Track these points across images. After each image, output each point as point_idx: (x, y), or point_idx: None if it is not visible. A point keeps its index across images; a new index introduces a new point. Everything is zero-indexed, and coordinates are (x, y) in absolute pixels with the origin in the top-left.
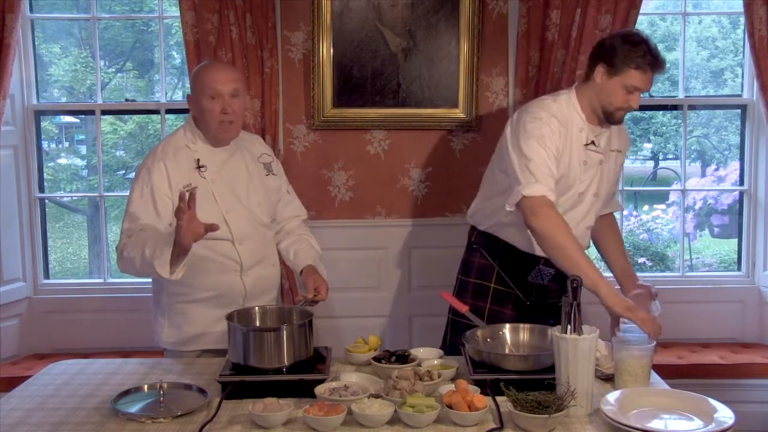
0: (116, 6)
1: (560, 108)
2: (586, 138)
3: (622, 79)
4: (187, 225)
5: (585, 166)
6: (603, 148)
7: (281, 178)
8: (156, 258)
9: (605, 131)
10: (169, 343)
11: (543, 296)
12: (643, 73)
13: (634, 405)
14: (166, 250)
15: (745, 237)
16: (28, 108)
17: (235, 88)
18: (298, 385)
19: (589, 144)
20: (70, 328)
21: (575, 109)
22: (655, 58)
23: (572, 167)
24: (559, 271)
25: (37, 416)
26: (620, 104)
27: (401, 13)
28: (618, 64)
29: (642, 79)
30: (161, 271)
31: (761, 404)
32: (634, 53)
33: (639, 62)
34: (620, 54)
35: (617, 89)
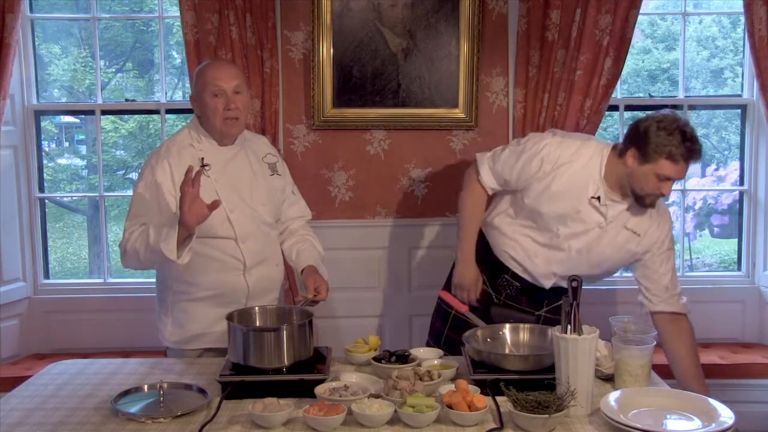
0: (116, 6)
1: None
2: (595, 191)
3: (654, 167)
4: (190, 205)
5: (577, 215)
6: (610, 215)
7: (286, 179)
8: (162, 242)
9: (623, 205)
10: (172, 341)
11: (513, 301)
12: (675, 164)
13: (634, 405)
14: (171, 233)
15: (745, 237)
16: (28, 108)
17: (237, 85)
18: (298, 385)
19: (594, 198)
20: (70, 328)
21: (599, 163)
22: (690, 150)
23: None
24: (525, 287)
25: (37, 416)
26: (651, 191)
27: (401, 13)
28: (650, 153)
29: (675, 170)
30: (168, 254)
31: (761, 404)
32: (667, 143)
33: (672, 152)
34: (653, 142)
35: (649, 176)
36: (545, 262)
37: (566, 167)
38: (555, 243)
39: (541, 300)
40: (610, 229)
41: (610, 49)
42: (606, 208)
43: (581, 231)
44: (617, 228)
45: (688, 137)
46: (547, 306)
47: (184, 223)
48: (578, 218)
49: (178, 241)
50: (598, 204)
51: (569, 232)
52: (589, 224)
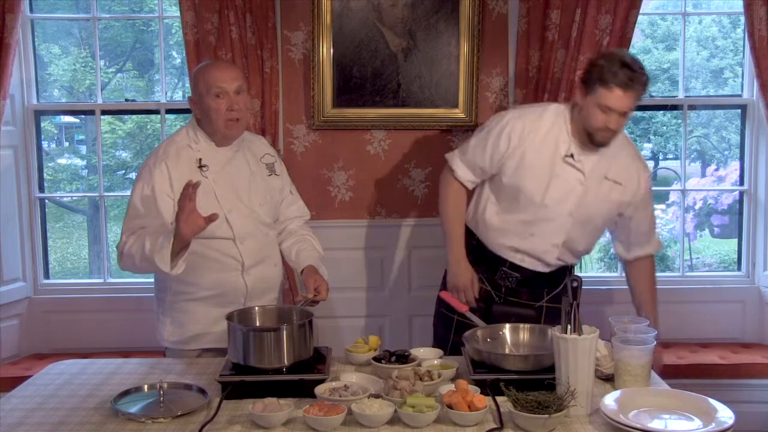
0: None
1: (538, 118)
2: (567, 149)
3: (595, 98)
4: (187, 217)
5: (557, 179)
6: (588, 169)
7: (284, 179)
8: (156, 252)
9: (595, 155)
10: (171, 341)
11: (513, 296)
12: (611, 92)
13: (634, 405)
14: (166, 244)
15: (745, 237)
16: (28, 108)
17: (239, 86)
18: (298, 385)
19: (568, 156)
20: (70, 328)
21: (563, 122)
22: (627, 76)
23: (535, 174)
24: (525, 275)
25: (37, 416)
26: (597, 124)
27: (401, 13)
28: (590, 83)
29: (613, 98)
30: (162, 266)
31: (761, 404)
32: (605, 71)
33: (608, 78)
34: (594, 71)
35: (592, 109)
36: (541, 237)
37: (533, 135)
38: (543, 215)
39: (541, 290)
40: (591, 183)
41: (610, 49)
42: (582, 164)
43: (565, 192)
44: (598, 180)
45: (626, 64)
46: (547, 296)
47: (179, 234)
48: (559, 181)
49: (173, 251)
50: (573, 161)
51: (554, 197)
52: (570, 183)
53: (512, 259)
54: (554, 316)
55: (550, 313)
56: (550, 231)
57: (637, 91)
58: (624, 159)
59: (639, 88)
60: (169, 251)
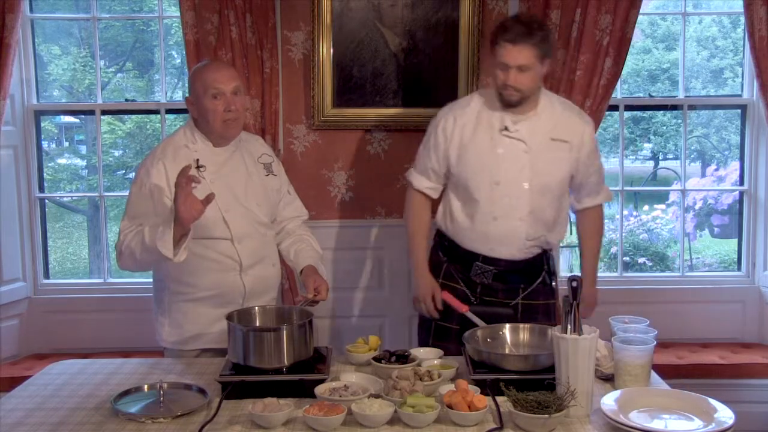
0: (116, 6)
1: (469, 101)
2: (501, 124)
3: (494, 58)
4: (184, 202)
5: (500, 154)
6: (527, 136)
7: (282, 179)
8: (158, 239)
9: (531, 120)
10: (170, 342)
11: (489, 294)
12: (502, 48)
13: (634, 405)
14: (167, 231)
15: (745, 237)
16: (28, 108)
17: (236, 86)
18: (298, 385)
19: (503, 129)
20: (70, 328)
21: (493, 99)
22: (515, 32)
23: (479, 157)
24: (501, 269)
25: (37, 416)
26: (499, 83)
27: (401, 13)
28: (491, 46)
29: (504, 54)
30: (165, 251)
31: (761, 404)
32: (497, 30)
33: (499, 37)
34: (492, 35)
35: (494, 70)
36: (504, 218)
37: (465, 121)
38: (500, 194)
39: (516, 286)
40: (537, 148)
41: (610, 49)
42: (519, 132)
43: (513, 164)
44: (543, 142)
45: (516, 20)
46: (523, 292)
47: (179, 219)
48: (503, 156)
49: (174, 239)
50: (510, 132)
51: (504, 173)
52: (516, 154)
53: (483, 251)
54: (531, 314)
55: (526, 310)
56: (511, 208)
57: (527, 44)
58: (566, 118)
59: (529, 41)
60: (171, 237)
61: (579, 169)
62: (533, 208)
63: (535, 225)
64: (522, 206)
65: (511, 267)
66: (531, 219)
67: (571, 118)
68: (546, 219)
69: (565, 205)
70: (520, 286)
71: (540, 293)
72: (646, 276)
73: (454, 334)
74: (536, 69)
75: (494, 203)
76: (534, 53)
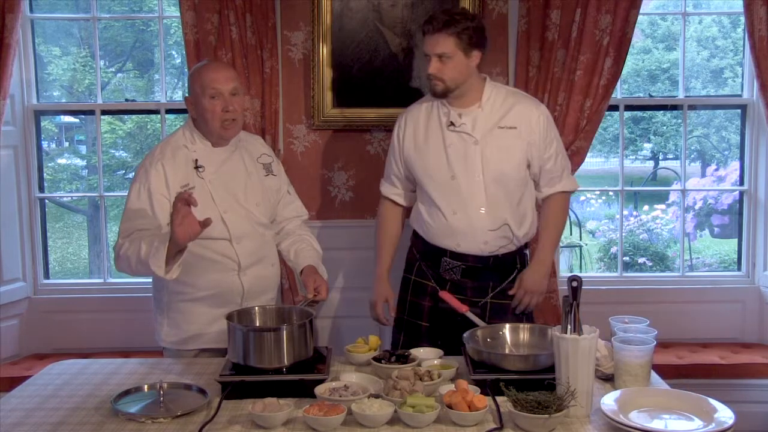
0: (116, 6)
1: (419, 103)
2: (446, 120)
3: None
4: (181, 222)
5: (451, 149)
6: (473, 128)
7: (281, 179)
8: (151, 257)
9: (471, 111)
10: (169, 342)
11: (458, 292)
12: (423, 40)
13: (634, 405)
14: (161, 248)
15: (745, 237)
16: (28, 108)
17: (234, 87)
18: (298, 385)
19: (449, 126)
20: (70, 328)
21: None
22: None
23: (432, 154)
24: (469, 264)
25: (37, 416)
26: (425, 73)
27: (401, 13)
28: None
29: (424, 45)
30: (156, 270)
31: (761, 404)
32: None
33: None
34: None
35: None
36: (463, 211)
37: (414, 121)
38: (457, 188)
39: (486, 282)
40: (486, 138)
41: (610, 49)
42: (465, 126)
43: (464, 158)
44: (491, 132)
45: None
46: (492, 291)
47: (174, 238)
48: (453, 150)
49: (168, 256)
50: (456, 128)
51: (458, 168)
52: (465, 147)
53: (450, 246)
54: (499, 314)
55: (494, 309)
56: (468, 200)
57: (445, 33)
58: (515, 106)
59: (447, 30)
60: (164, 255)
61: (532, 154)
62: (490, 198)
63: (496, 215)
64: (478, 198)
65: (480, 263)
66: (490, 209)
67: (518, 105)
68: (507, 209)
69: (528, 197)
70: (490, 283)
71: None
72: (646, 276)
73: (424, 331)
74: (458, 59)
75: (452, 197)
76: (454, 42)
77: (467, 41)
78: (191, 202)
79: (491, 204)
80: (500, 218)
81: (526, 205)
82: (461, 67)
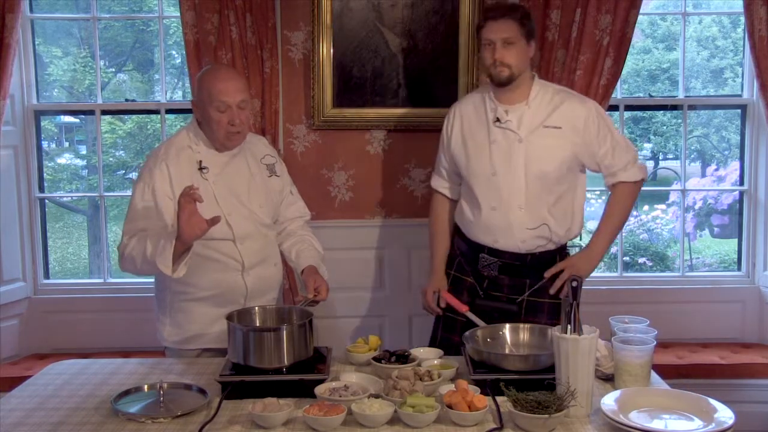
0: (116, 6)
1: (470, 96)
2: (493, 116)
3: (481, 42)
4: (188, 220)
5: (495, 145)
6: (519, 125)
7: (284, 179)
8: (158, 255)
9: (518, 108)
10: (171, 341)
11: (496, 289)
12: (484, 28)
13: (634, 405)
14: (168, 247)
15: (745, 237)
16: (28, 108)
17: (242, 100)
18: (298, 385)
19: (495, 122)
20: (70, 328)
21: (489, 90)
22: (490, 10)
23: (476, 149)
24: (506, 261)
25: (37, 416)
26: (488, 62)
27: (401, 13)
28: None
29: (486, 32)
30: (163, 268)
31: (761, 404)
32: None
33: (481, 19)
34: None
35: (483, 50)
36: (503, 208)
37: (464, 114)
38: (497, 184)
39: (523, 280)
40: (530, 136)
41: (610, 49)
42: (511, 123)
43: (507, 154)
44: (536, 131)
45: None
46: (529, 289)
47: (181, 236)
48: (497, 146)
49: (175, 254)
50: (501, 124)
51: (500, 164)
52: (509, 144)
53: (488, 242)
54: (535, 312)
55: (530, 307)
56: (507, 197)
57: (509, 18)
58: (562, 105)
59: (510, 15)
60: (170, 254)
61: (582, 153)
62: (530, 196)
63: (534, 214)
64: (518, 195)
65: (518, 260)
66: (529, 208)
67: (564, 104)
68: (547, 209)
69: (574, 195)
70: (527, 281)
71: (548, 292)
72: (646, 276)
73: (459, 327)
74: (521, 45)
75: (492, 193)
76: (517, 27)
77: (528, 29)
78: (196, 198)
79: (531, 203)
80: (539, 217)
81: (571, 204)
82: (523, 54)
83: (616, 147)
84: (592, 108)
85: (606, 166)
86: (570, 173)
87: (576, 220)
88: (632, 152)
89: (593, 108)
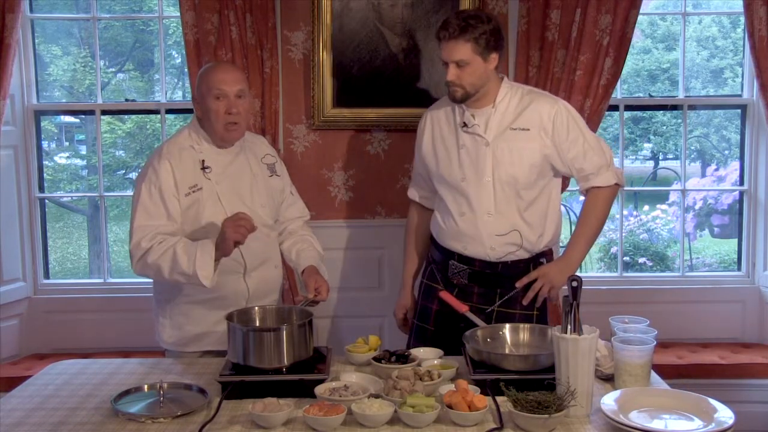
0: (116, 6)
1: (443, 101)
2: (459, 120)
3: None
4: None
5: (463, 150)
6: (485, 130)
7: (285, 179)
8: (199, 269)
9: (484, 112)
10: (170, 343)
11: (465, 298)
12: (439, 47)
13: (634, 405)
14: (206, 260)
15: (745, 237)
16: (28, 108)
17: (240, 89)
18: (298, 385)
19: (462, 126)
20: (70, 328)
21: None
22: (442, 29)
23: (445, 155)
24: (476, 269)
25: (37, 416)
26: (445, 80)
27: (401, 13)
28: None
29: (442, 52)
30: (205, 281)
31: (761, 404)
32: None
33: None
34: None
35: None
36: (471, 214)
37: (433, 120)
38: (466, 190)
39: (494, 289)
40: (497, 140)
41: (610, 49)
42: (478, 127)
43: (476, 159)
44: (504, 134)
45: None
46: (500, 299)
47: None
48: (465, 151)
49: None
50: (468, 128)
51: (468, 169)
52: (477, 148)
53: (458, 249)
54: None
55: (501, 318)
56: (476, 203)
57: (462, 39)
58: (529, 106)
59: (464, 36)
60: (212, 267)
61: (552, 155)
62: (499, 202)
63: (504, 220)
64: (487, 201)
65: (488, 268)
66: (499, 214)
67: (532, 104)
68: (518, 214)
69: (548, 200)
70: (498, 291)
71: (519, 302)
72: (646, 276)
73: (429, 335)
74: (476, 64)
75: (461, 199)
76: (471, 48)
77: (484, 45)
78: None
79: (500, 209)
80: (510, 224)
81: (545, 210)
82: (480, 72)
83: (588, 149)
84: (562, 107)
85: (577, 169)
86: (541, 178)
87: (549, 226)
88: (606, 155)
89: (563, 107)
